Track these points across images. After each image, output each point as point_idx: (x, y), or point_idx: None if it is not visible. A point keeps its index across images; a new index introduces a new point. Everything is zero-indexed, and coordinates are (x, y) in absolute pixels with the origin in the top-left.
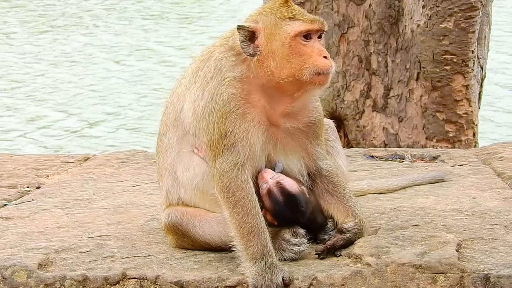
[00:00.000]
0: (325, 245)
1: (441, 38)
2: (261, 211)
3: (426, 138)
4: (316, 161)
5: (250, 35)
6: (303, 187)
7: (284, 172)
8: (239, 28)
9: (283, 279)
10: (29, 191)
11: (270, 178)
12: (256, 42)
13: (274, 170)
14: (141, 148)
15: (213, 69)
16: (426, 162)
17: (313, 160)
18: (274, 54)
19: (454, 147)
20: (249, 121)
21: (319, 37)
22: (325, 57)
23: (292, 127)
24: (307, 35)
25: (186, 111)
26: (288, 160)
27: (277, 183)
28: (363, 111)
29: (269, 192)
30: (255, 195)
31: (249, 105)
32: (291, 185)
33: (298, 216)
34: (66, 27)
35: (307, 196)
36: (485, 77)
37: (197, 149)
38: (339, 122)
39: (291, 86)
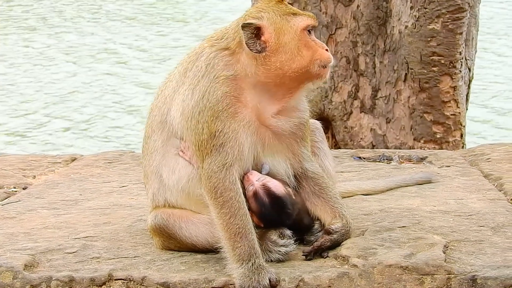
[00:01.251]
0: (312, 246)
1: (429, 39)
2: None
3: (414, 139)
4: (302, 162)
5: (255, 32)
6: (289, 189)
7: (270, 173)
8: (245, 25)
9: (269, 281)
10: (15, 191)
11: (256, 180)
12: (263, 38)
13: (261, 172)
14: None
15: (204, 68)
16: (414, 163)
17: (299, 162)
18: (285, 48)
19: (442, 148)
20: (239, 121)
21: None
22: (326, 50)
23: (281, 127)
24: (309, 30)
25: (173, 112)
26: (275, 161)
27: (263, 185)
28: (351, 112)
29: (255, 194)
30: (243, 196)
31: (240, 105)
32: (277, 187)
33: (284, 218)
34: (32, 28)
35: (293, 198)
36: (472, 78)
37: (182, 151)
38: (327, 123)
39: (295, 79)
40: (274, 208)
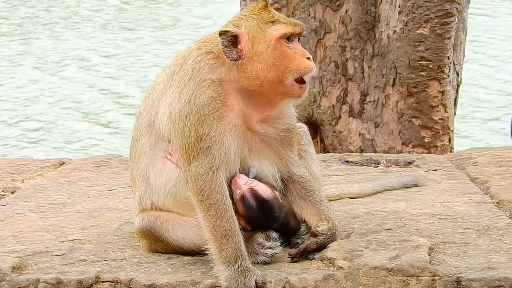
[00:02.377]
0: (298, 248)
1: (417, 44)
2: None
3: (402, 144)
4: (289, 166)
5: (233, 40)
6: (276, 193)
7: (257, 177)
8: (222, 33)
9: (256, 283)
10: (4, 195)
11: (243, 184)
12: (239, 47)
13: (248, 175)
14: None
15: (190, 71)
16: (401, 167)
17: (286, 166)
18: (259, 57)
19: (430, 153)
20: (225, 124)
21: (298, 40)
22: (308, 58)
23: (268, 133)
24: (289, 38)
25: (161, 115)
26: (262, 164)
27: (250, 188)
28: (340, 117)
29: (243, 197)
30: (229, 199)
31: (226, 108)
32: (264, 191)
33: (271, 221)
34: (2, 34)
35: (280, 201)
36: (460, 83)
37: (170, 154)
38: (316, 127)
39: (272, 91)
40: (261, 211)
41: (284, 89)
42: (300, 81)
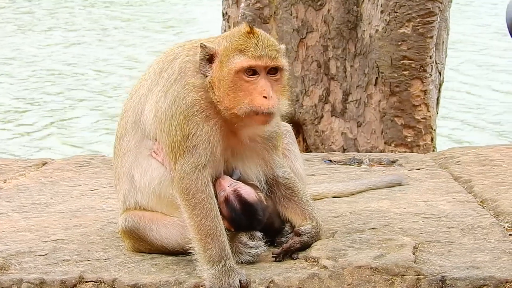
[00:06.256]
0: (282, 248)
1: (399, 43)
2: None
3: (385, 143)
4: (274, 169)
5: (209, 57)
6: (261, 194)
7: (241, 178)
8: (202, 46)
9: (240, 282)
10: None
11: (228, 186)
12: (212, 65)
13: (232, 177)
14: None
15: (177, 71)
16: (384, 166)
17: (271, 168)
18: (219, 83)
19: (413, 152)
20: (212, 125)
21: (274, 72)
22: (265, 97)
23: (251, 139)
24: (253, 71)
25: (147, 112)
26: (245, 167)
27: (234, 191)
28: (322, 116)
29: (227, 199)
30: (214, 198)
31: (212, 110)
32: (248, 193)
33: (255, 223)
34: None
35: (265, 203)
36: (443, 82)
37: (155, 153)
38: (298, 127)
39: (234, 117)
40: (245, 214)
41: (242, 119)
42: (257, 113)
